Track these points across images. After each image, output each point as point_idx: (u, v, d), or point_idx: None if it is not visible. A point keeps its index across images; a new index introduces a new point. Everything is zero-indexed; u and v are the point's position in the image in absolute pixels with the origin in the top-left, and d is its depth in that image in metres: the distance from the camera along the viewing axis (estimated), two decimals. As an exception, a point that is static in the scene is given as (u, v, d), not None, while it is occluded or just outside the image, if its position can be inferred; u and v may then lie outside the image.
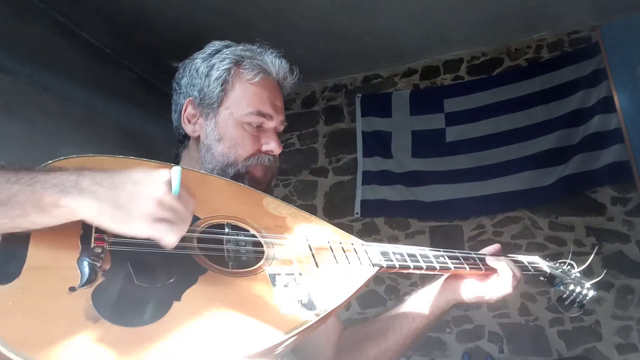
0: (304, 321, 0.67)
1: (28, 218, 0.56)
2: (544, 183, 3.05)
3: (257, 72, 0.97)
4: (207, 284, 0.66)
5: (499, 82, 3.34)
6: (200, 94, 0.98)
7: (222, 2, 2.79)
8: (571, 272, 1.16)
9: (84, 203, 0.57)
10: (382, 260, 0.86)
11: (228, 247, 0.73)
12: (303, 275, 0.75)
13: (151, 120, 3.28)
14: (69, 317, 0.54)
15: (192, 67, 1.00)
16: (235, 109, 0.97)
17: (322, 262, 0.80)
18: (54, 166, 0.63)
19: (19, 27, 2.57)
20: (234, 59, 0.98)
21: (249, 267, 0.73)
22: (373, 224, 3.51)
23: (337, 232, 0.91)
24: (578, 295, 1.10)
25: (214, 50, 1.01)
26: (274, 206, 0.89)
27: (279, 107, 1.01)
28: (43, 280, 0.56)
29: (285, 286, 0.72)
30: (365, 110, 3.67)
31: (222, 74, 0.96)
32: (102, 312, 0.55)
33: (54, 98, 2.72)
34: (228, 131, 0.96)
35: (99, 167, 0.68)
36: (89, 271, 0.58)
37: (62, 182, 0.57)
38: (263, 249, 0.77)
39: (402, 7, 2.91)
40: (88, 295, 0.56)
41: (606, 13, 3.00)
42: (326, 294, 0.74)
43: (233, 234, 0.77)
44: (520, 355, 2.92)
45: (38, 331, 0.51)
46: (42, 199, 0.56)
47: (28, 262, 0.57)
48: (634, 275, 2.80)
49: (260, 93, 0.98)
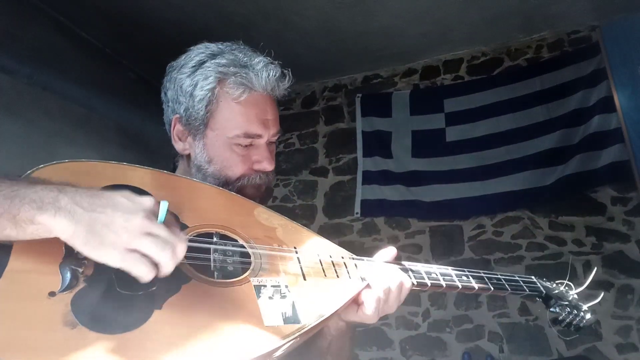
0: (287, 334, 0.66)
1: (3, 232, 0.55)
2: (544, 183, 3.05)
3: (242, 90, 0.92)
4: (189, 293, 0.65)
5: (499, 82, 3.34)
6: (186, 113, 0.94)
7: (222, 2, 2.79)
8: (568, 294, 1.12)
9: (58, 223, 0.55)
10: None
11: (215, 257, 0.72)
12: (289, 287, 0.74)
13: (151, 120, 3.28)
14: (47, 322, 0.53)
15: (177, 80, 0.96)
16: (222, 131, 0.93)
17: (310, 275, 0.79)
18: (39, 178, 0.62)
19: (19, 27, 2.57)
20: (217, 76, 0.92)
21: (235, 277, 0.72)
22: (373, 223, 3.51)
23: (327, 245, 0.89)
24: (575, 317, 1.06)
25: (199, 62, 0.95)
26: (265, 216, 0.88)
27: (270, 121, 0.96)
28: (23, 284, 0.55)
29: (270, 298, 0.71)
30: (365, 110, 3.67)
31: (206, 95, 0.92)
32: (80, 319, 0.55)
33: (54, 98, 2.72)
34: (217, 154, 0.94)
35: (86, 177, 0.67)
36: (71, 276, 0.58)
37: (41, 198, 0.56)
38: (250, 259, 0.76)
39: (402, 7, 2.91)
40: (67, 300, 0.56)
41: (606, 13, 3.00)
42: (311, 307, 0.73)
43: (221, 243, 0.75)
44: (520, 354, 2.92)
45: (13, 335, 0.51)
46: (18, 214, 0.55)
47: (10, 265, 0.56)
48: (634, 275, 2.80)
49: (247, 112, 0.93)
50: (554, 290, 1.10)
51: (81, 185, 0.62)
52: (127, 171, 0.78)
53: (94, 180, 0.71)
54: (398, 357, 3.19)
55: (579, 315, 1.07)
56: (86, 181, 0.68)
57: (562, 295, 1.10)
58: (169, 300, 0.62)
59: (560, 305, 1.07)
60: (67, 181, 0.61)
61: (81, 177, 0.69)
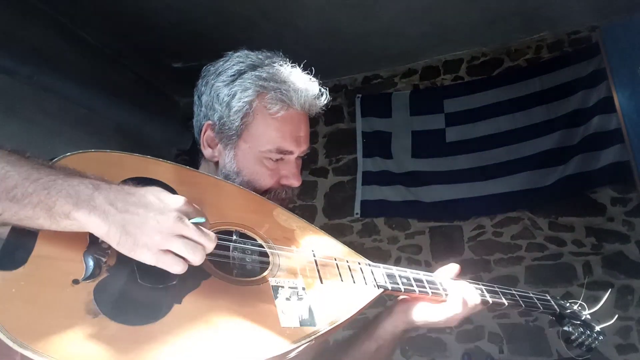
0: (302, 337, 0.66)
1: (37, 221, 0.57)
2: (544, 183, 3.05)
3: (281, 106, 0.92)
4: (209, 289, 0.66)
5: (499, 83, 3.34)
6: (219, 121, 0.94)
7: (222, 2, 2.79)
8: (582, 314, 1.11)
9: (93, 221, 0.56)
10: (388, 283, 0.85)
11: (234, 255, 0.73)
12: (306, 290, 0.74)
13: (151, 120, 3.29)
14: (69, 309, 0.54)
15: (213, 87, 0.95)
16: (255, 144, 0.93)
17: (326, 278, 0.79)
18: (75, 170, 0.63)
19: (19, 27, 2.58)
20: (257, 89, 0.92)
21: (253, 276, 0.72)
22: (373, 224, 3.50)
23: (345, 249, 0.90)
24: (587, 338, 1.05)
25: (238, 71, 0.94)
26: (284, 218, 0.89)
27: (302, 138, 0.96)
28: (48, 270, 0.56)
29: (287, 299, 0.71)
30: (365, 110, 3.67)
31: (243, 107, 0.91)
32: (102, 308, 0.56)
33: (54, 98, 2.72)
34: (247, 166, 0.94)
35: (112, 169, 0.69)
36: (94, 265, 0.59)
37: (78, 194, 0.57)
38: (269, 259, 0.76)
39: (402, 7, 2.91)
40: (90, 289, 0.57)
41: (606, 13, 3.00)
42: (327, 311, 0.73)
43: (240, 241, 0.76)
44: (520, 355, 2.92)
45: (36, 320, 0.52)
46: (54, 206, 0.56)
47: (35, 251, 0.57)
48: (634, 275, 2.80)
49: (282, 128, 0.93)
50: (567, 309, 1.09)
51: (107, 176, 0.63)
52: (151, 165, 0.79)
53: (119, 172, 0.72)
54: (398, 358, 3.18)
55: (591, 335, 1.06)
56: (112, 172, 0.69)
57: (574, 314, 1.09)
58: (188, 295, 0.63)
59: (573, 324, 1.06)
60: (96, 173, 0.63)
61: (107, 168, 0.70)
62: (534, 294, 1.06)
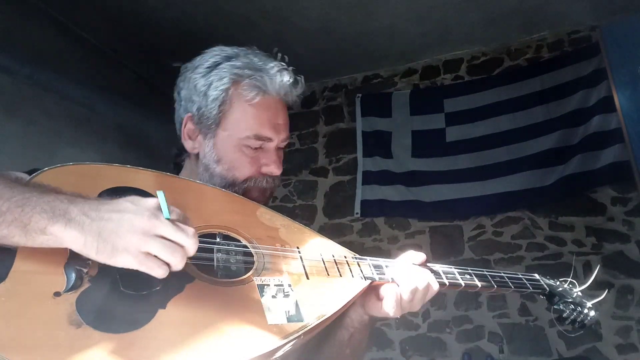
0: (290, 332, 0.67)
1: (12, 239, 0.56)
2: (544, 183, 3.05)
3: (256, 92, 0.93)
4: (194, 292, 0.65)
5: (499, 82, 3.34)
6: (198, 112, 0.95)
7: (222, 2, 2.80)
8: (572, 291, 1.12)
9: (69, 234, 0.56)
10: (375, 274, 0.85)
11: (218, 257, 0.73)
12: (292, 286, 0.75)
13: (151, 120, 3.28)
14: (52, 321, 0.54)
15: (191, 80, 0.96)
16: (233, 132, 0.94)
17: (313, 274, 0.80)
18: (50, 186, 0.62)
19: (19, 27, 2.58)
20: (232, 77, 0.93)
21: (238, 276, 0.72)
22: (373, 224, 3.50)
23: (330, 244, 0.90)
24: (579, 314, 1.06)
25: (214, 63, 0.96)
26: (267, 217, 0.89)
27: (281, 125, 0.97)
28: (29, 284, 0.56)
29: (274, 297, 0.71)
30: (365, 110, 3.67)
31: (220, 95, 0.92)
32: (85, 318, 0.55)
33: (54, 98, 2.72)
34: (226, 154, 0.94)
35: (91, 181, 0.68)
36: (75, 277, 0.58)
37: (53, 209, 0.57)
38: (253, 259, 0.76)
39: (402, 7, 2.92)
40: (72, 300, 0.56)
41: (606, 13, 3.00)
42: (315, 306, 0.73)
43: (224, 243, 0.76)
44: (520, 355, 2.92)
45: (19, 334, 0.51)
46: (29, 223, 0.55)
47: (15, 267, 0.56)
48: (634, 275, 2.80)
49: (259, 115, 0.94)
50: (558, 287, 1.10)
51: (87, 189, 0.62)
52: (130, 173, 0.78)
53: (99, 184, 0.71)
54: (398, 358, 3.18)
55: (582, 312, 1.07)
56: (92, 184, 0.69)
57: (565, 292, 1.10)
58: (173, 300, 0.63)
59: (564, 302, 1.07)
60: (75, 186, 0.62)
61: (87, 181, 0.70)
62: (523, 275, 1.06)
